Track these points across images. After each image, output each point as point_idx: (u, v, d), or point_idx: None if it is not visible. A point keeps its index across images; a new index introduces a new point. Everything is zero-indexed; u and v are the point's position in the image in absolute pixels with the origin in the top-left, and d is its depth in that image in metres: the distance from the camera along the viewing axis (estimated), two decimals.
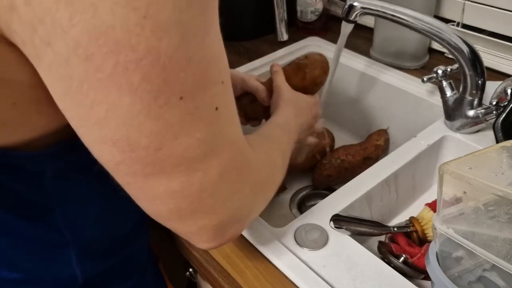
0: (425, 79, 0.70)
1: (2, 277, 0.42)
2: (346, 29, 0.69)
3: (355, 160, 0.77)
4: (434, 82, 0.70)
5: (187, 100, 0.30)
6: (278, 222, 0.56)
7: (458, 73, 0.64)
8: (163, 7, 0.27)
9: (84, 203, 0.46)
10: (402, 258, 0.54)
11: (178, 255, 0.59)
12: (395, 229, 0.57)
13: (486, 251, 0.37)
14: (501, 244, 0.37)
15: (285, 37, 0.95)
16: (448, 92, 0.67)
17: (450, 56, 0.75)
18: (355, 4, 0.66)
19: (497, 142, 0.59)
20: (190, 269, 0.64)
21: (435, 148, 0.67)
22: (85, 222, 0.46)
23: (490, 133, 0.61)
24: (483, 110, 0.63)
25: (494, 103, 0.62)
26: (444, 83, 0.67)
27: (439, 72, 0.67)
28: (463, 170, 0.39)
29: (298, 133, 0.57)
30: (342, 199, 0.56)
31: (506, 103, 0.59)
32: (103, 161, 0.33)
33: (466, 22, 0.82)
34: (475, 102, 0.64)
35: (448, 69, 0.67)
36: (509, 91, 0.61)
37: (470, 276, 0.41)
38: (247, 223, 0.42)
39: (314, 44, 0.93)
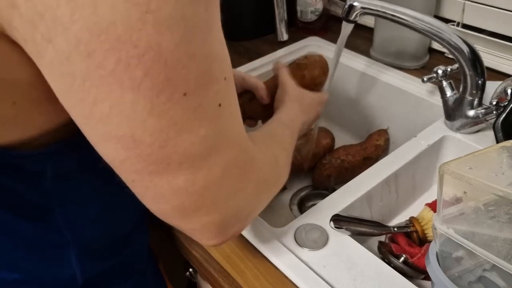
0: (425, 79, 0.70)
1: (2, 278, 0.42)
2: (346, 29, 0.69)
3: (355, 160, 0.77)
4: (434, 82, 0.70)
5: (190, 97, 0.30)
6: (278, 222, 0.56)
7: (458, 73, 0.64)
8: (165, 2, 0.27)
9: (84, 203, 0.46)
10: (402, 258, 0.54)
11: (178, 255, 0.59)
12: (395, 229, 0.57)
13: (486, 251, 0.37)
14: (501, 244, 0.37)
15: (285, 37, 0.95)
16: (448, 92, 0.67)
17: (450, 56, 0.75)
18: (355, 4, 0.65)
19: (497, 142, 0.59)
20: (190, 269, 0.64)
21: (435, 148, 0.67)
22: (85, 222, 0.46)
23: (490, 133, 0.61)
24: (483, 110, 0.63)
25: (494, 103, 0.62)
26: (444, 83, 0.67)
27: (439, 72, 0.67)
28: (463, 170, 0.39)
29: (300, 130, 0.57)
30: (342, 199, 0.56)
31: (506, 103, 0.59)
32: (109, 159, 0.33)
33: (466, 22, 0.82)
34: (475, 102, 0.64)
35: (448, 69, 0.67)
36: (509, 91, 0.61)
37: (470, 276, 0.41)
38: (250, 221, 0.42)
39: (314, 44, 0.93)
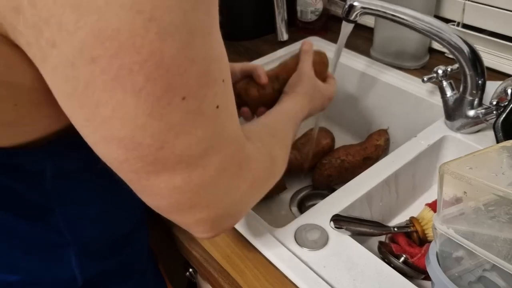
0: (425, 79, 0.69)
1: (2, 278, 0.42)
2: (346, 29, 0.69)
3: (355, 160, 0.77)
4: (434, 82, 0.70)
5: (189, 100, 0.31)
6: (278, 222, 0.56)
7: (458, 73, 0.63)
8: (169, 10, 0.27)
9: (84, 203, 0.46)
10: (402, 258, 0.54)
11: (178, 255, 0.59)
12: (395, 229, 0.57)
13: (486, 251, 0.37)
14: (501, 244, 0.37)
15: (285, 37, 0.95)
16: (448, 92, 0.67)
17: (450, 56, 0.75)
18: (355, 4, 0.65)
19: (498, 142, 0.59)
20: (190, 269, 0.64)
21: (435, 148, 0.67)
22: (85, 222, 0.46)
23: (491, 133, 0.61)
24: (483, 110, 0.63)
25: (495, 103, 0.62)
26: (444, 83, 0.67)
27: (439, 72, 0.67)
28: (464, 170, 0.39)
29: (303, 119, 0.58)
30: (342, 199, 0.56)
31: (506, 103, 0.59)
32: (108, 160, 0.33)
33: (466, 22, 0.82)
34: (475, 102, 0.64)
35: (448, 69, 0.67)
36: (509, 91, 0.61)
37: (470, 276, 0.41)
38: (243, 215, 0.43)
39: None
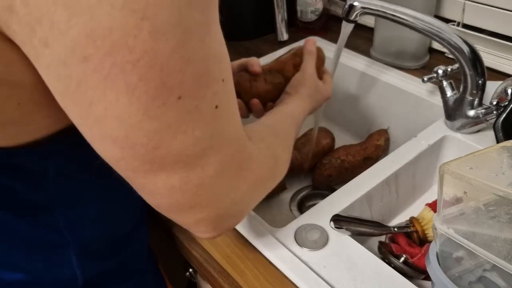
0: (426, 79, 0.69)
1: (2, 278, 0.42)
2: (346, 29, 0.69)
3: (355, 160, 0.77)
4: (435, 82, 0.70)
5: (186, 100, 0.30)
6: (278, 222, 0.56)
7: (459, 73, 0.63)
8: (162, 9, 0.27)
9: (85, 203, 0.46)
10: (403, 258, 0.54)
11: (178, 255, 0.59)
12: (396, 229, 0.57)
13: (487, 251, 0.37)
14: (502, 244, 0.37)
15: (285, 37, 0.95)
16: (449, 92, 0.67)
17: (451, 56, 0.75)
18: (355, 4, 0.65)
19: (498, 142, 0.59)
20: (190, 269, 0.64)
21: (436, 148, 0.67)
22: (85, 223, 0.46)
23: (491, 133, 0.61)
24: (484, 110, 0.63)
25: (495, 103, 0.62)
26: (445, 83, 0.67)
27: (440, 72, 0.67)
28: (464, 170, 0.39)
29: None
30: (342, 199, 0.56)
31: (507, 103, 0.59)
32: (105, 157, 0.33)
33: (467, 22, 0.82)
34: (476, 102, 0.64)
35: (449, 69, 0.67)
36: (510, 91, 0.61)
37: (471, 276, 0.41)
38: (244, 215, 0.43)
39: None
